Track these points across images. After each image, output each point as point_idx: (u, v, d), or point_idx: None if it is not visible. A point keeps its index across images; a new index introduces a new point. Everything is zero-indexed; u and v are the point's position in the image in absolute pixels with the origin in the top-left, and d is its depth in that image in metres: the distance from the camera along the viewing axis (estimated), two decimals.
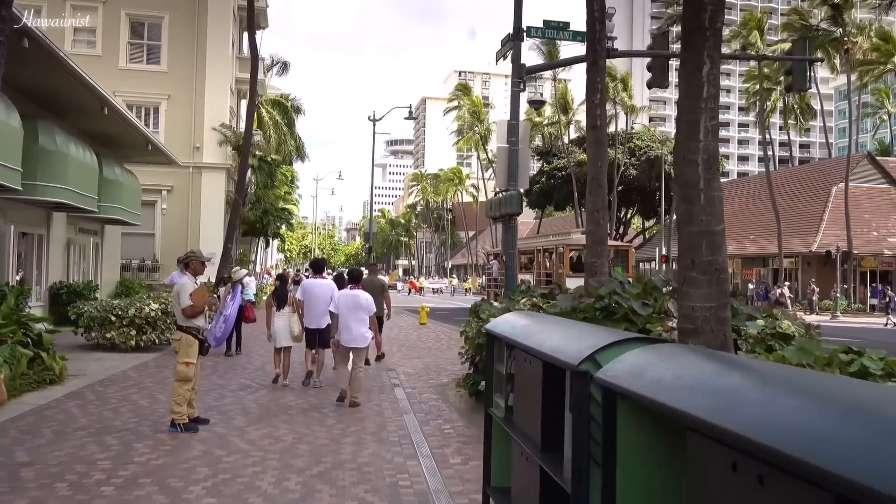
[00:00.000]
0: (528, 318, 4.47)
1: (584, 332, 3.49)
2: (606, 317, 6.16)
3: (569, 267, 22.77)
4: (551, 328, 3.95)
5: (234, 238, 24.53)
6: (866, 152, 48.30)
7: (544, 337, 3.59)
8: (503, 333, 4.34)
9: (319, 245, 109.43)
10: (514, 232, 12.36)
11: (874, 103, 67.25)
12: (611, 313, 6.16)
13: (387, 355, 13.82)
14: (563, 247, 23.37)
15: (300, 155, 52.02)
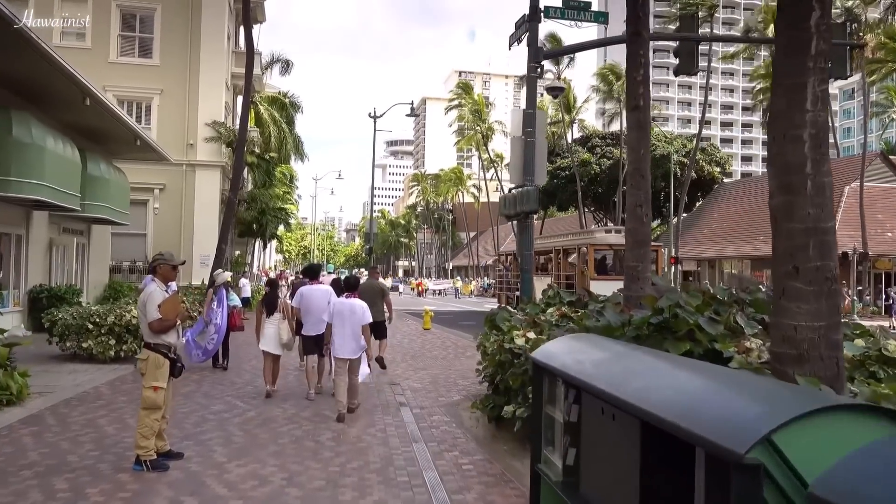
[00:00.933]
0: (595, 348, 3.28)
1: (712, 379, 2.32)
2: (664, 334, 5.02)
3: (593, 269, 21.15)
4: (642, 366, 2.79)
5: (228, 239, 23.36)
6: (879, 151, 47.13)
7: (641, 384, 2.43)
8: (562, 369, 3.14)
9: (319, 246, 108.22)
10: (529, 231, 11.23)
11: (883, 102, 66.21)
12: (669, 330, 5.02)
13: (391, 366, 12.71)
14: (586, 247, 21.52)
15: (299, 154, 51.02)
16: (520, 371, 6.31)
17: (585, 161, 56.02)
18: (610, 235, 22.52)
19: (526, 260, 11.16)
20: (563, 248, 24.04)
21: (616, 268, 21.59)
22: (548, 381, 3.32)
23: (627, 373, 2.63)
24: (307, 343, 9.55)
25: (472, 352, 15.49)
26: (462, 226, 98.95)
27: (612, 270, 21.82)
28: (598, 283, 18.16)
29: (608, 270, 21.81)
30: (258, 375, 11.09)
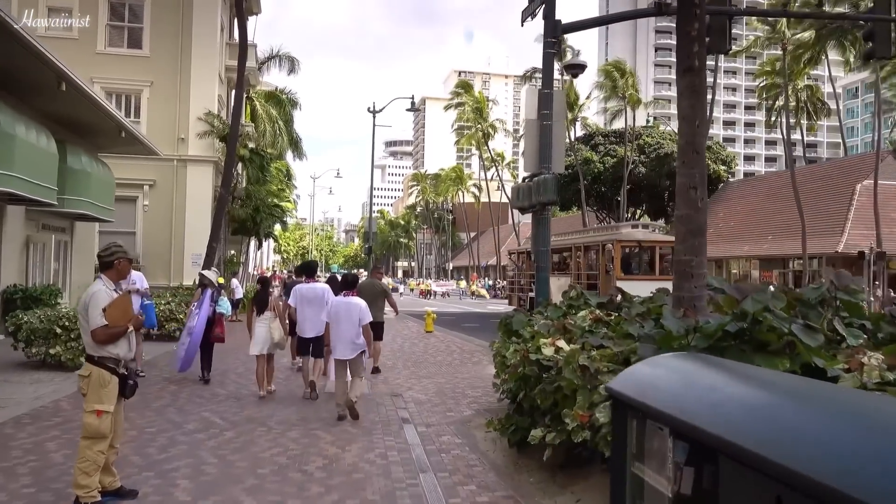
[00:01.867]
0: (729, 377, 2.11)
1: None
2: (746, 345, 3.88)
3: (620, 268, 19.23)
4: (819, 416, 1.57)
5: (219, 237, 22.23)
6: (892, 148, 45.97)
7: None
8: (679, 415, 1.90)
9: (318, 246, 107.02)
10: (546, 225, 10.08)
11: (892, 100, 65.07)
12: (753, 340, 3.87)
13: (392, 373, 11.60)
14: (612, 243, 19.68)
15: (297, 152, 49.95)
16: (550, 388, 5.16)
17: (588, 159, 54.89)
18: (638, 231, 21.02)
19: (542, 257, 10.02)
20: (584, 246, 22.15)
21: (644, 267, 20.18)
22: (638, 425, 2.18)
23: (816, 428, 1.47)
24: (301, 344, 9.18)
25: (479, 356, 14.38)
26: (462, 226, 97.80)
27: (639, 270, 20.39)
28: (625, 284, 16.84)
29: (635, 270, 20.35)
30: (243, 386, 9.96)
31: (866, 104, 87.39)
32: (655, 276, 18.88)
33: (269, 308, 9.29)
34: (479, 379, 11.09)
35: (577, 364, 4.76)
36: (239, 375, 10.94)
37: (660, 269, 19.36)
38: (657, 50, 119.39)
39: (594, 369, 4.62)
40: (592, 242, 21.85)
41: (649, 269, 19.98)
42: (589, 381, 4.64)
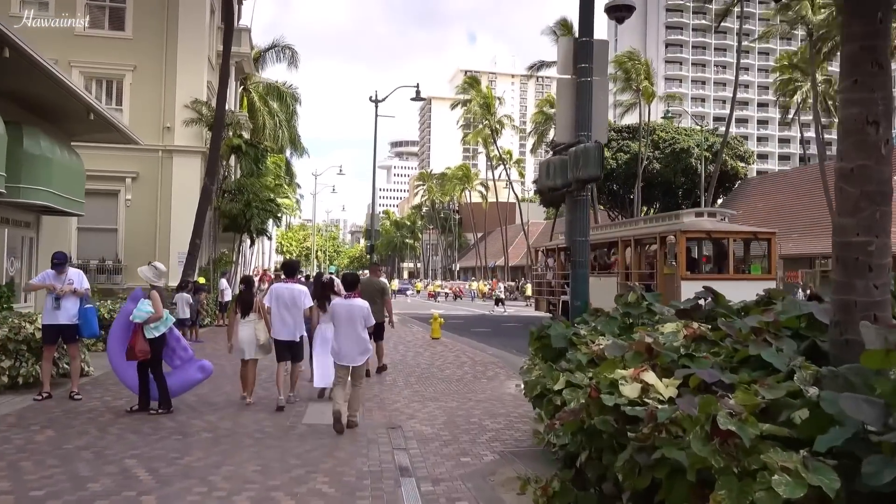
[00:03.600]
0: None
1: None
2: None
3: (685, 265, 15.83)
4: None
5: (202, 232, 20.19)
6: None
7: None
8: None
9: (321, 247, 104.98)
10: (584, 210, 7.93)
11: None
12: None
13: (391, 391, 9.50)
14: (674, 235, 16.27)
15: (297, 149, 47.98)
16: (647, 461, 3.01)
17: None
18: (704, 220, 17.61)
19: (580, 250, 7.86)
20: (633, 239, 18.55)
21: (714, 264, 17.22)
22: None
23: None
24: (278, 347, 8.63)
25: (495, 370, 12.25)
26: (469, 226, 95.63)
27: (708, 267, 17.38)
28: (691, 285, 13.99)
29: (703, 267, 17.36)
30: (197, 413, 7.85)
31: None
32: (729, 274, 15.87)
33: (254, 309, 8.75)
34: (499, 402, 8.97)
35: (710, 423, 2.62)
36: (198, 398, 8.82)
37: (733, 266, 16.30)
38: (667, 46, 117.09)
39: (748, 439, 2.48)
40: (645, 235, 18.44)
41: (720, 266, 16.83)
42: (737, 458, 2.50)
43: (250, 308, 8.76)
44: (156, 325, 7.84)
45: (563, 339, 5.54)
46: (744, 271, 16.37)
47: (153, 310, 7.82)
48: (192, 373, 8.21)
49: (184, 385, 8.21)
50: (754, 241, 17.38)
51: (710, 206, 51.75)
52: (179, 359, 8.25)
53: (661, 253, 17.01)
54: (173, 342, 8.23)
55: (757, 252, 17.32)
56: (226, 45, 20.59)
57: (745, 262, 16.55)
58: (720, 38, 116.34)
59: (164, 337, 7.93)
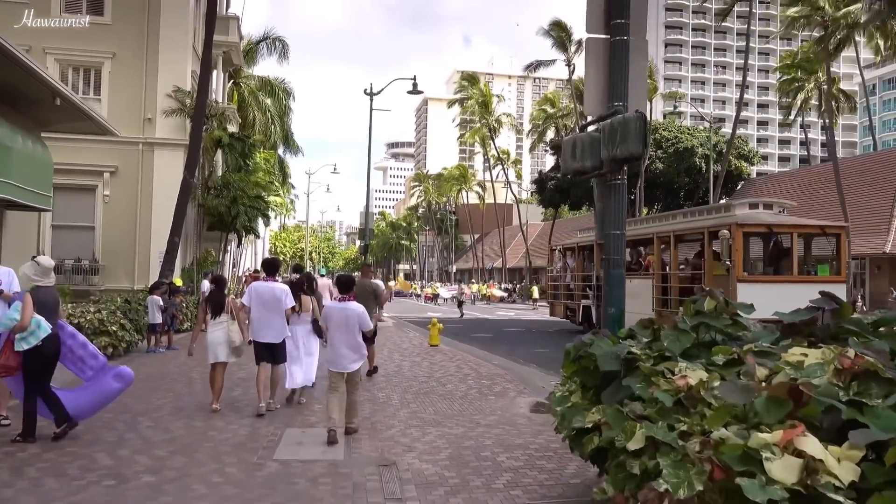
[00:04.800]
0: None
1: None
2: None
3: (741, 266, 13.52)
4: None
5: (181, 230, 18.73)
6: None
7: None
8: None
9: (316, 248, 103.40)
10: (621, 197, 6.50)
11: None
12: None
13: (385, 412, 8.11)
14: (729, 229, 13.73)
15: (290, 146, 46.57)
16: None
17: None
18: (761, 213, 15.08)
19: (616, 246, 6.44)
20: (673, 235, 16.02)
21: (775, 264, 14.79)
22: None
23: None
24: (258, 350, 8.30)
25: (503, 384, 10.81)
26: (465, 228, 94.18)
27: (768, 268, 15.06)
28: (749, 288, 12.52)
29: (763, 267, 15.25)
30: (145, 446, 6.38)
31: None
32: (793, 276, 13.65)
33: (226, 310, 8.40)
34: (512, 427, 7.54)
35: None
36: (153, 422, 7.37)
37: (798, 266, 14.13)
38: (667, 45, 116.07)
39: None
40: (688, 230, 16.06)
41: (779, 266, 14.54)
42: None
43: (222, 308, 8.41)
44: (23, 336, 6.29)
45: (615, 360, 4.12)
46: (809, 272, 14.40)
47: (19, 317, 6.29)
48: (108, 383, 6.78)
49: (102, 398, 6.81)
50: (821, 236, 15.30)
51: None
52: (90, 368, 6.86)
53: (709, 251, 14.74)
54: (79, 350, 6.83)
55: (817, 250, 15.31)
56: (208, 27, 19.17)
57: (807, 262, 14.55)
58: (720, 38, 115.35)
59: (38, 350, 6.34)
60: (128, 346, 12.87)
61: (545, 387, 10.58)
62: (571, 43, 49.57)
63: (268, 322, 8.20)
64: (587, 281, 19.57)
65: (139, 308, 14.31)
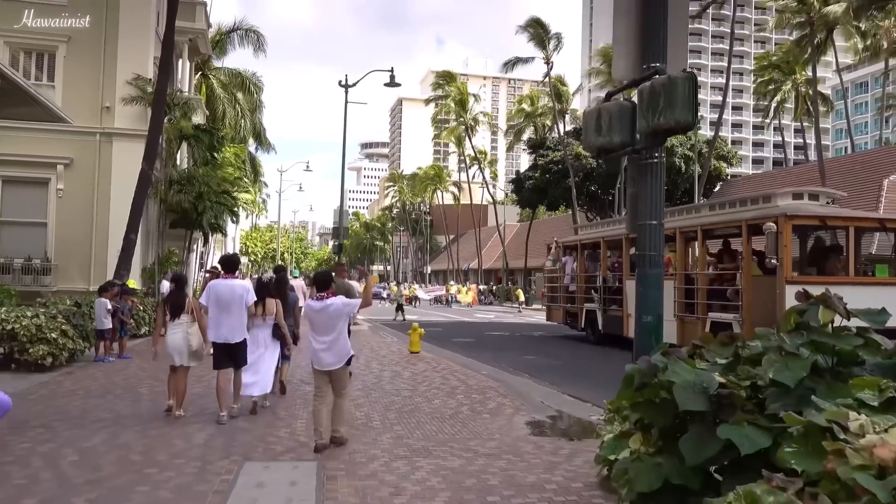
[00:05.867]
0: None
1: None
2: None
3: (789, 265, 11.60)
4: None
5: (138, 226, 17.24)
6: None
7: None
8: None
9: (288, 248, 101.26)
10: (657, 178, 5.28)
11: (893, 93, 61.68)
12: None
13: (364, 437, 6.86)
14: (776, 221, 11.72)
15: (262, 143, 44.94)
16: None
17: (579, 154, 50.40)
18: (808, 203, 12.97)
19: (653, 239, 5.22)
20: (700, 229, 13.79)
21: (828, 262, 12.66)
22: None
23: None
24: (217, 353, 7.86)
25: (496, 400, 9.50)
26: (440, 228, 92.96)
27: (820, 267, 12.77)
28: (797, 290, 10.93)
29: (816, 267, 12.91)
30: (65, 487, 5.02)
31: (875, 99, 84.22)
32: (849, 277, 11.86)
33: (186, 311, 8.05)
34: (517, 456, 6.32)
35: None
36: (79, 455, 6.00)
37: (854, 266, 12.25)
38: None
39: None
40: (720, 224, 13.94)
41: (827, 265, 12.53)
42: None
43: (181, 309, 8.03)
44: None
45: (700, 396, 2.90)
46: (865, 272, 12.71)
47: None
48: None
49: None
50: (879, 230, 13.81)
51: None
52: None
53: (746, 248, 12.70)
54: None
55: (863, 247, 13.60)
56: (171, 3, 17.65)
57: (857, 260, 12.57)
58: (694, 39, 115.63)
59: None
60: (71, 355, 11.41)
61: (543, 402, 9.40)
62: (549, 40, 48.58)
63: (227, 322, 7.72)
64: (591, 282, 18.31)
65: (90, 312, 12.83)
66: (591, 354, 16.36)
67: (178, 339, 7.86)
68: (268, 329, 8.40)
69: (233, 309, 7.72)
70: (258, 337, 8.24)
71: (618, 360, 15.24)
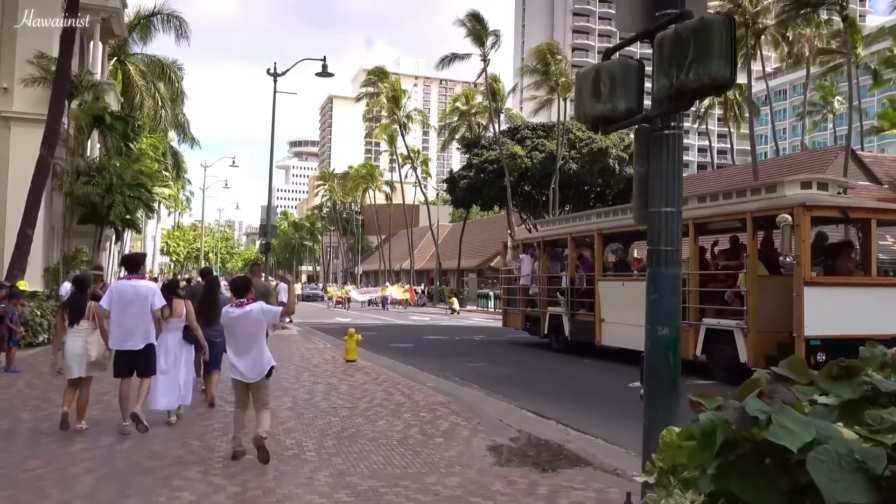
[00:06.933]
0: None
1: None
2: None
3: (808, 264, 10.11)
4: None
5: (35, 221, 15.32)
6: (843, 145, 43.02)
7: None
8: None
9: (213, 248, 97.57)
10: (675, 152, 4.20)
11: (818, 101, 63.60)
12: None
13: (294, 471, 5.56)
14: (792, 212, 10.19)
15: (185, 136, 42.58)
16: None
17: (515, 154, 49.85)
18: (822, 194, 11.48)
19: (667, 229, 4.13)
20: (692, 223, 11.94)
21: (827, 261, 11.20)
22: None
23: None
24: (118, 361, 7.22)
25: (449, 418, 8.12)
26: (372, 228, 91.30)
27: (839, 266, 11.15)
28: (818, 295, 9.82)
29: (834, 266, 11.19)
30: None
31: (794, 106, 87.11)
32: (871, 277, 10.80)
33: (87, 316, 7.39)
34: (489, 500, 5.14)
35: None
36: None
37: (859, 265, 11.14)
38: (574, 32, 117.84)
39: None
40: (717, 216, 12.43)
41: (836, 264, 11.08)
42: None
43: (81, 314, 7.42)
44: None
45: (858, 480, 1.71)
46: (886, 272, 11.79)
47: None
48: None
49: None
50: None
51: None
52: None
53: (751, 243, 11.20)
54: None
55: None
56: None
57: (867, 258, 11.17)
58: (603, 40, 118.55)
59: None
60: None
61: (502, 420, 8.27)
62: (488, 36, 47.78)
63: (130, 327, 7.16)
64: (556, 284, 16.63)
65: None
66: (541, 361, 15.31)
67: (77, 348, 7.24)
68: (177, 333, 7.72)
69: (137, 313, 7.16)
70: (167, 343, 7.57)
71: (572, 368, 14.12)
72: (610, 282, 14.45)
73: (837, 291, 10.29)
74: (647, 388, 4.20)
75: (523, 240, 19.15)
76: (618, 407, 9.72)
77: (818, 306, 9.83)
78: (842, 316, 9.95)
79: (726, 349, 11.33)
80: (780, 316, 10.48)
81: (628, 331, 12.95)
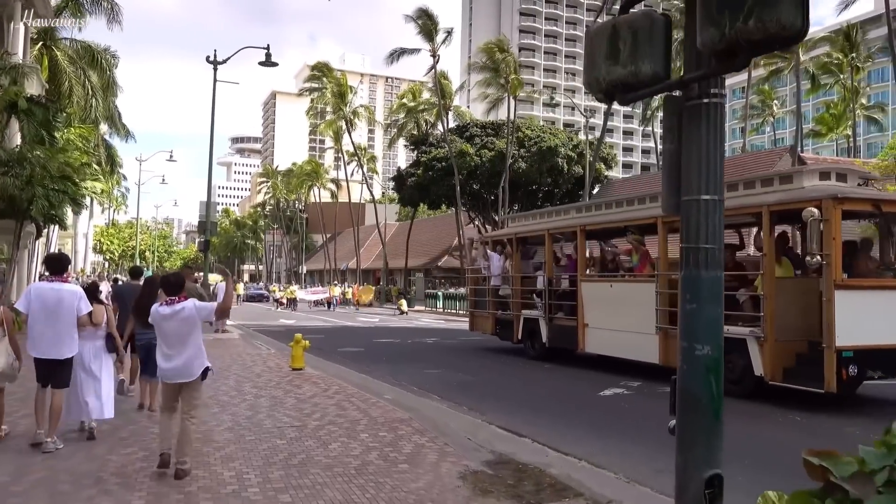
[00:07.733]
0: None
1: None
2: None
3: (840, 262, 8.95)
4: None
5: None
6: (789, 146, 43.66)
7: None
8: None
9: (150, 246, 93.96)
10: (718, 124, 3.39)
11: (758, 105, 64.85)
12: None
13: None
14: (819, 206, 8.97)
15: (117, 129, 40.44)
16: None
17: (464, 152, 49.13)
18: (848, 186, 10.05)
19: (707, 221, 3.29)
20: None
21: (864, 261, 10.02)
22: None
23: None
24: (37, 369, 6.72)
25: (411, 438, 6.99)
26: (316, 227, 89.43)
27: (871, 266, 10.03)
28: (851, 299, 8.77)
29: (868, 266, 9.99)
30: None
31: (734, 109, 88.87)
32: None
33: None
34: None
35: None
36: None
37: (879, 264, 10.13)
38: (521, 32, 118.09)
39: None
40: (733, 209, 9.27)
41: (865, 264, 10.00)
42: None
43: None
44: None
45: None
46: None
47: None
48: None
49: None
50: None
51: None
52: None
53: (768, 240, 9.84)
54: None
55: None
56: None
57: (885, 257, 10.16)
58: (571, 27, 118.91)
59: None
60: None
61: (471, 438, 7.37)
62: (438, 32, 46.86)
63: (52, 334, 6.62)
64: (531, 285, 15.27)
65: None
66: (502, 367, 14.43)
67: None
68: (98, 341, 7.14)
69: (60, 318, 6.64)
70: (85, 351, 6.97)
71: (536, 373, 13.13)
72: (595, 283, 13.29)
73: (871, 295, 9.23)
74: (682, 422, 3.34)
75: (492, 236, 17.85)
76: (592, 420, 8.96)
77: (850, 312, 8.80)
78: (874, 323, 9.01)
79: (737, 360, 9.89)
80: (800, 323, 9.45)
81: (617, 337, 12.14)
